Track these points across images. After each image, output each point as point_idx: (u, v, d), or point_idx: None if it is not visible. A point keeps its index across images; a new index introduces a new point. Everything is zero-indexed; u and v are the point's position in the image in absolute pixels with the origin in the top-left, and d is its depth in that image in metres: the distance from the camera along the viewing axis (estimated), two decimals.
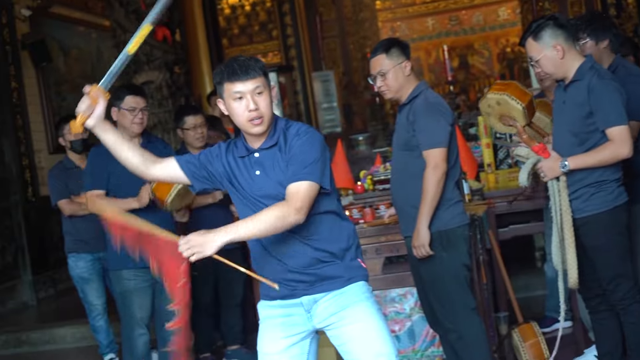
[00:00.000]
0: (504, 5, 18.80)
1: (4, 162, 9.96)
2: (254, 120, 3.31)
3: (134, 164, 3.47)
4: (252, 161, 3.41)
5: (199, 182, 3.51)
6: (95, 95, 3.34)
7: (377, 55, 4.75)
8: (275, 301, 3.45)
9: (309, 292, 3.40)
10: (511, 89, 4.64)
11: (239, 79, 3.31)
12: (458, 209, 4.70)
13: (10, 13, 10.28)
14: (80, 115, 3.34)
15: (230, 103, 3.35)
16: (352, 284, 3.43)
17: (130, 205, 5.25)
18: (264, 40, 18.59)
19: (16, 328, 8.60)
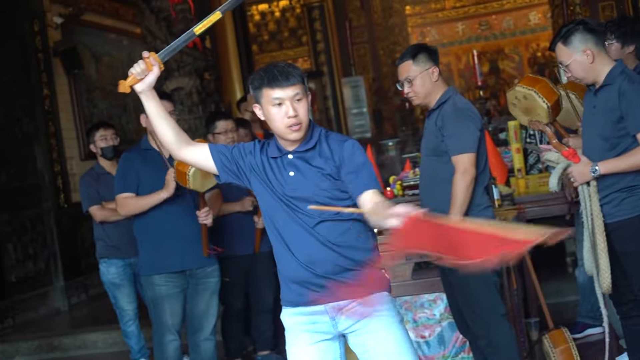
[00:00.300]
0: (534, 10, 18.72)
1: (37, 169, 10.05)
2: (292, 126, 3.34)
3: (169, 139, 3.48)
4: (285, 162, 3.43)
5: (226, 174, 3.52)
6: (152, 62, 3.35)
7: (405, 62, 4.75)
8: (299, 308, 3.45)
9: (334, 299, 3.39)
10: (540, 86, 4.61)
11: (279, 85, 3.33)
12: (487, 214, 4.68)
13: (43, 21, 10.37)
14: (133, 77, 3.35)
15: (268, 109, 3.37)
16: (375, 293, 3.43)
17: (159, 197, 5.28)
18: (293, 46, 18.67)
19: (48, 333, 8.66)
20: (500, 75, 18.85)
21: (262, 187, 3.47)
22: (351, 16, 16.94)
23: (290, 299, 3.48)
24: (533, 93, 4.56)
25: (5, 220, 9.36)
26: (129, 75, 3.34)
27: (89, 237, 10.17)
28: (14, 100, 9.81)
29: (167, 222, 5.32)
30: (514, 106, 4.75)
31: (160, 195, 5.27)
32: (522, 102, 4.65)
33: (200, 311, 5.51)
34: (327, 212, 3.35)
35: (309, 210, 3.34)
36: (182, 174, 5.04)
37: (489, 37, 19.07)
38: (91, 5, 11.65)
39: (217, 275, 5.55)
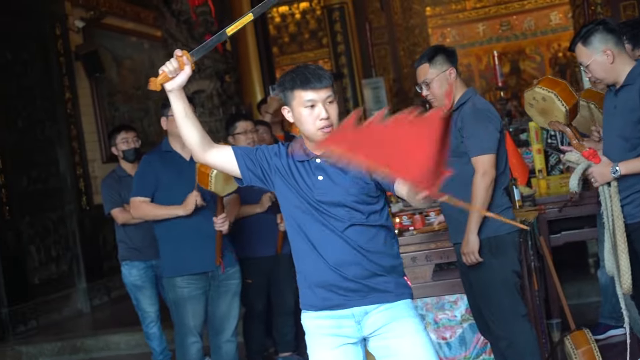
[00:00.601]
0: (555, 10, 18.64)
1: (59, 172, 10.11)
2: (324, 128, 3.34)
3: (193, 140, 3.42)
4: (313, 166, 3.43)
5: (249, 176, 3.49)
6: (185, 61, 3.31)
7: (422, 64, 4.74)
8: (323, 312, 3.44)
9: (361, 303, 3.39)
10: (560, 89, 4.59)
11: (312, 87, 3.34)
12: (507, 215, 4.67)
13: (64, 25, 10.44)
14: (164, 75, 3.30)
15: (300, 110, 3.37)
16: (401, 299, 3.44)
17: (175, 212, 5.30)
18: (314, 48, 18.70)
19: (71, 335, 8.72)
20: (522, 76, 18.78)
21: (288, 190, 3.45)
22: (371, 17, 16.93)
23: (314, 303, 3.46)
24: (553, 95, 4.54)
25: (28, 222, 9.43)
26: (160, 73, 3.30)
27: (111, 239, 10.27)
28: (36, 104, 9.88)
29: (188, 224, 5.33)
30: (531, 106, 4.73)
31: (176, 212, 5.30)
32: (539, 103, 4.64)
33: (221, 313, 5.53)
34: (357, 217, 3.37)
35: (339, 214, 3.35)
36: (205, 175, 5.05)
37: (510, 38, 19.00)
38: (112, 9, 11.71)
39: (238, 277, 5.57)
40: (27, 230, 9.41)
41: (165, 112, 5.42)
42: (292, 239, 3.52)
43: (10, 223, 9.02)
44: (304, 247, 3.45)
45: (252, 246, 6.12)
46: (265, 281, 6.30)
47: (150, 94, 12.34)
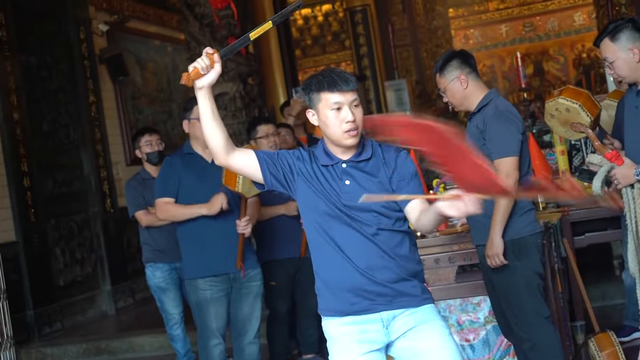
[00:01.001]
0: (579, 10, 18.54)
1: (83, 175, 10.18)
2: (350, 131, 3.35)
3: (217, 142, 3.37)
4: (339, 171, 3.42)
5: (271, 180, 3.46)
6: (216, 59, 3.27)
7: (436, 74, 4.79)
8: (348, 317, 3.42)
9: (389, 307, 3.39)
10: (584, 99, 4.56)
11: (339, 89, 3.34)
12: (530, 217, 4.66)
13: (88, 29, 10.51)
14: (197, 71, 3.25)
15: (326, 113, 3.37)
16: (426, 304, 3.45)
17: (199, 211, 5.31)
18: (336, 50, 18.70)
19: (96, 337, 8.77)
20: (545, 77, 18.69)
21: (313, 195, 3.43)
22: (394, 19, 16.92)
23: (340, 308, 3.43)
24: (577, 106, 4.52)
25: (53, 225, 9.50)
26: (192, 69, 3.25)
27: (135, 241, 10.33)
28: (60, 108, 9.96)
29: (210, 226, 5.34)
30: (552, 117, 4.70)
31: (200, 210, 5.30)
32: (562, 114, 4.61)
33: (244, 315, 5.54)
34: (384, 222, 3.37)
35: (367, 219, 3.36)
36: (232, 177, 5.06)
37: (533, 39, 18.90)
38: (136, 13, 11.78)
39: (260, 279, 5.57)
40: (52, 232, 9.47)
41: (187, 115, 5.45)
42: (314, 243, 3.49)
43: (36, 226, 9.09)
44: (328, 252, 3.42)
45: (277, 248, 6.14)
46: (289, 283, 6.31)
47: (173, 97, 12.40)
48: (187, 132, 5.50)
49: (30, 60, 9.51)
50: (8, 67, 8.94)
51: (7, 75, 8.91)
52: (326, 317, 3.51)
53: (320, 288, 3.52)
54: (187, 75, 3.25)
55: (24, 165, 9.01)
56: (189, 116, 5.42)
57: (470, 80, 4.70)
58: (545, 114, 4.75)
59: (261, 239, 6.22)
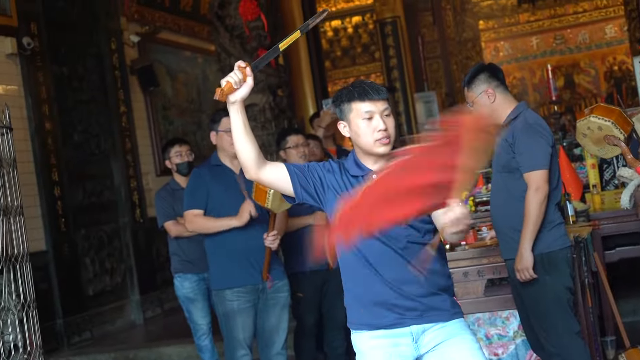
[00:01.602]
0: (610, 23, 18.43)
1: (114, 185, 10.24)
2: (382, 139, 3.34)
3: (249, 156, 3.33)
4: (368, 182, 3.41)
5: (302, 193, 3.43)
6: (248, 72, 3.24)
7: (464, 88, 4.80)
8: (379, 331, 3.40)
9: (419, 321, 3.36)
10: (615, 116, 4.53)
11: (371, 99, 3.34)
12: (560, 231, 4.63)
13: (120, 39, 10.58)
14: (230, 85, 3.21)
15: (357, 122, 3.36)
16: (456, 319, 3.42)
17: (229, 223, 5.31)
18: (366, 62, 18.71)
19: (125, 346, 8.80)
20: (576, 90, 18.58)
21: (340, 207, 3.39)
22: (424, 31, 16.92)
23: (369, 322, 3.41)
24: (610, 124, 4.49)
25: (83, 235, 9.55)
26: (225, 83, 3.21)
27: (164, 251, 10.36)
28: (91, 118, 10.03)
29: (238, 237, 5.34)
30: (584, 136, 4.67)
31: (230, 223, 5.30)
32: (595, 133, 4.58)
33: (271, 326, 5.53)
34: (414, 235, 3.34)
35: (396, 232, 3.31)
36: (262, 193, 5.04)
37: (564, 51, 18.80)
38: (167, 24, 11.85)
39: (287, 290, 5.57)
40: (82, 242, 9.53)
41: (215, 127, 5.46)
42: (343, 257, 3.47)
43: (66, 235, 9.15)
44: (357, 265, 3.40)
45: (304, 260, 6.12)
46: (316, 295, 6.29)
47: (203, 108, 12.45)
48: (215, 143, 5.52)
49: (62, 71, 9.59)
50: (40, 77, 9.02)
51: (39, 85, 8.99)
52: (355, 330, 3.49)
53: (349, 302, 3.50)
54: (220, 90, 3.23)
55: (54, 175, 9.07)
56: (217, 128, 5.44)
57: (497, 93, 4.68)
58: (577, 133, 4.71)
59: (289, 251, 6.22)
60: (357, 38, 18.80)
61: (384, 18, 16.19)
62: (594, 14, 18.43)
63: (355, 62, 18.84)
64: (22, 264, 4.87)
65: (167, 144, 6.96)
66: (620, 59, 18.15)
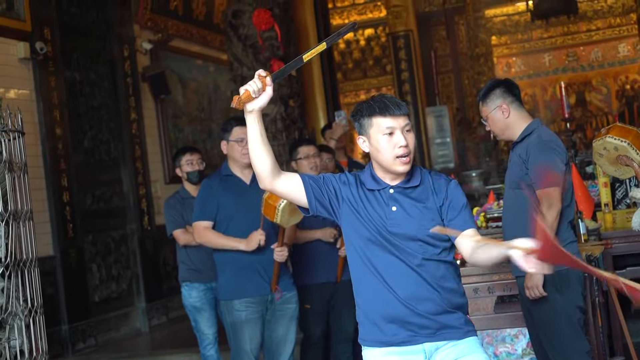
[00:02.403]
0: (624, 42, 18.39)
1: (122, 192, 10.22)
2: (402, 157, 3.31)
3: (265, 167, 3.31)
4: (386, 196, 3.37)
5: (316, 205, 3.40)
6: (268, 82, 3.21)
7: (479, 102, 4.76)
8: (392, 347, 3.36)
9: (432, 339, 3.33)
10: (632, 137, 4.49)
11: (392, 114, 3.31)
12: (572, 249, 4.59)
13: (132, 46, 10.59)
14: (248, 94, 3.18)
15: (378, 138, 3.33)
16: (469, 337, 3.39)
17: (237, 246, 5.31)
18: (377, 75, 18.71)
19: (129, 354, 8.77)
20: (587, 107, 18.53)
21: (357, 221, 3.38)
22: (436, 45, 16.91)
23: (381, 339, 3.37)
24: (626, 145, 4.46)
25: (90, 241, 9.53)
26: (243, 92, 3.19)
27: (170, 260, 10.35)
28: (102, 124, 10.02)
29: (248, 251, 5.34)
30: (601, 156, 4.64)
31: (238, 246, 5.31)
32: (611, 153, 4.54)
33: (278, 337, 5.51)
34: (430, 251, 3.32)
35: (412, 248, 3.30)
36: (272, 208, 5.03)
37: (577, 69, 18.77)
38: (179, 32, 11.86)
39: (295, 302, 5.55)
40: (89, 248, 9.51)
41: (225, 136, 5.44)
42: (356, 271, 3.43)
43: (73, 241, 9.13)
44: (370, 280, 3.36)
45: (313, 272, 6.10)
46: (324, 307, 6.27)
47: (214, 116, 12.45)
48: (225, 153, 5.49)
49: (74, 76, 9.59)
50: (52, 82, 9.02)
51: (50, 90, 8.99)
52: (367, 347, 3.45)
53: (361, 317, 3.46)
54: (238, 98, 3.20)
55: (64, 181, 9.06)
56: (228, 137, 5.42)
57: (512, 109, 4.66)
58: (594, 152, 4.68)
59: (297, 263, 6.20)
60: (369, 51, 18.80)
61: (397, 31, 16.18)
62: (608, 32, 18.39)
63: (367, 74, 18.83)
64: (31, 269, 4.85)
65: (179, 151, 6.94)
66: (633, 77, 18.10)
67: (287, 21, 8.75)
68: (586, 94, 18.70)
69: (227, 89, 12.07)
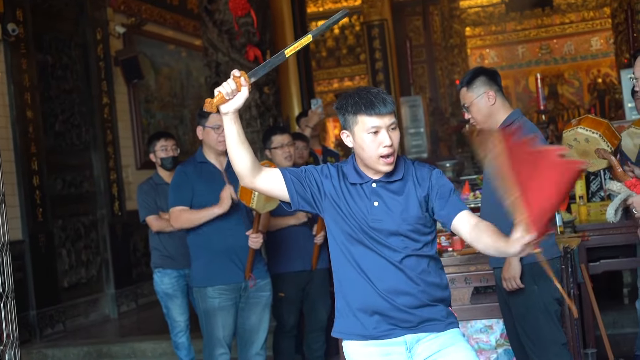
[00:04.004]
0: (597, 35, 18.48)
1: (93, 177, 10.14)
2: (387, 157, 3.26)
3: (244, 166, 3.23)
4: (368, 191, 3.33)
5: (298, 201, 3.35)
6: (243, 82, 3.12)
7: (461, 89, 4.70)
8: (372, 340, 3.33)
9: (413, 331, 3.31)
10: (603, 129, 4.47)
11: (377, 113, 3.24)
12: (550, 240, 4.57)
13: (105, 30, 10.49)
14: (221, 96, 3.09)
15: (362, 136, 3.26)
16: (451, 329, 3.37)
17: (213, 212, 5.26)
18: (351, 64, 18.69)
19: (99, 340, 8.71)
20: (559, 100, 18.61)
21: (338, 215, 3.33)
22: (411, 35, 16.89)
23: (361, 332, 3.34)
24: (598, 137, 4.42)
25: (60, 226, 9.44)
26: (217, 94, 3.10)
27: (141, 246, 10.29)
28: (74, 108, 9.92)
29: (222, 235, 5.30)
30: (570, 147, 4.60)
31: (213, 211, 5.26)
32: (581, 144, 4.51)
33: (251, 325, 5.48)
34: (411, 246, 3.28)
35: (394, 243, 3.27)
36: (247, 193, 5.00)
37: (549, 61, 18.83)
38: (153, 16, 11.77)
39: (269, 289, 5.51)
40: (59, 233, 9.42)
41: (202, 122, 5.38)
42: (338, 265, 3.39)
43: (43, 225, 9.03)
44: (352, 274, 3.31)
45: (287, 260, 6.07)
46: (298, 296, 6.24)
47: (186, 102, 12.37)
48: (201, 138, 5.43)
49: (45, 59, 9.47)
50: (24, 64, 8.91)
51: (22, 73, 8.87)
52: (348, 340, 3.41)
53: (341, 310, 3.41)
54: (209, 102, 3.12)
55: (34, 164, 8.96)
56: (204, 123, 5.35)
57: (497, 98, 4.63)
58: (563, 143, 4.64)
59: (272, 251, 6.16)
60: (343, 39, 18.77)
61: (371, 20, 16.16)
62: (581, 26, 18.47)
63: (340, 63, 18.80)
64: (2, 253, 4.76)
65: (153, 137, 6.85)
66: (605, 71, 18.20)
67: (264, 7, 8.65)
68: (558, 87, 18.78)
69: (200, 75, 11.99)
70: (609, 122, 4.61)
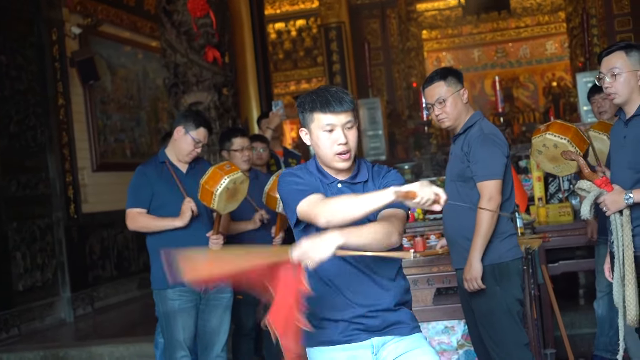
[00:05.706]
0: (551, 39, 18.63)
1: (48, 179, 10.00)
2: (342, 155, 3.25)
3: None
4: (334, 191, 3.31)
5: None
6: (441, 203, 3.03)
7: (435, 83, 4.67)
8: (338, 345, 3.31)
9: (380, 334, 3.31)
10: (572, 134, 4.49)
11: (332, 111, 3.23)
12: (512, 242, 4.61)
13: (61, 30, 10.36)
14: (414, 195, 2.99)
15: (318, 134, 3.27)
16: (416, 333, 3.37)
17: (172, 224, 5.25)
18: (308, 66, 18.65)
19: (55, 344, 8.58)
20: (515, 104, 18.74)
21: None
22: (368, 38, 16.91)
23: (329, 339, 3.31)
24: (566, 142, 4.44)
25: (14, 228, 9.31)
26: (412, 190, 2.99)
27: (97, 249, 10.17)
28: (29, 109, 9.79)
29: (181, 237, 5.26)
30: (540, 153, 4.62)
31: (173, 223, 5.25)
32: (550, 150, 4.52)
33: (212, 327, 5.45)
34: None
35: None
36: (209, 193, 4.99)
37: (505, 65, 18.95)
38: (109, 17, 11.66)
39: (230, 291, 5.49)
40: (14, 236, 9.28)
41: (188, 127, 5.32)
42: None
43: None
44: (315, 283, 3.21)
45: None
46: (256, 298, 6.19)
47: (142, 104, 12.28)
48: (176, 138, 5.37)
49: (0, 59, 9.34)
50: None
51: None
52: (312, 347, 3.37)
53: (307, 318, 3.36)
54: None
55: None
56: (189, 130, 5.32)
57: None
58: (532, 149, 4.66)
59: None
60: (300, 41, 18.72)
61: (329, 23, 16.17)
62: (536, 30, 18.60)
63: (297, 65, 18.77)
64: None
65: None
66: (559, 75, 18.36)
67: (222, 8, 8.61)
68: (514, 90, 18.90)
69: (157, 77, 11.91)
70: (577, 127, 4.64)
